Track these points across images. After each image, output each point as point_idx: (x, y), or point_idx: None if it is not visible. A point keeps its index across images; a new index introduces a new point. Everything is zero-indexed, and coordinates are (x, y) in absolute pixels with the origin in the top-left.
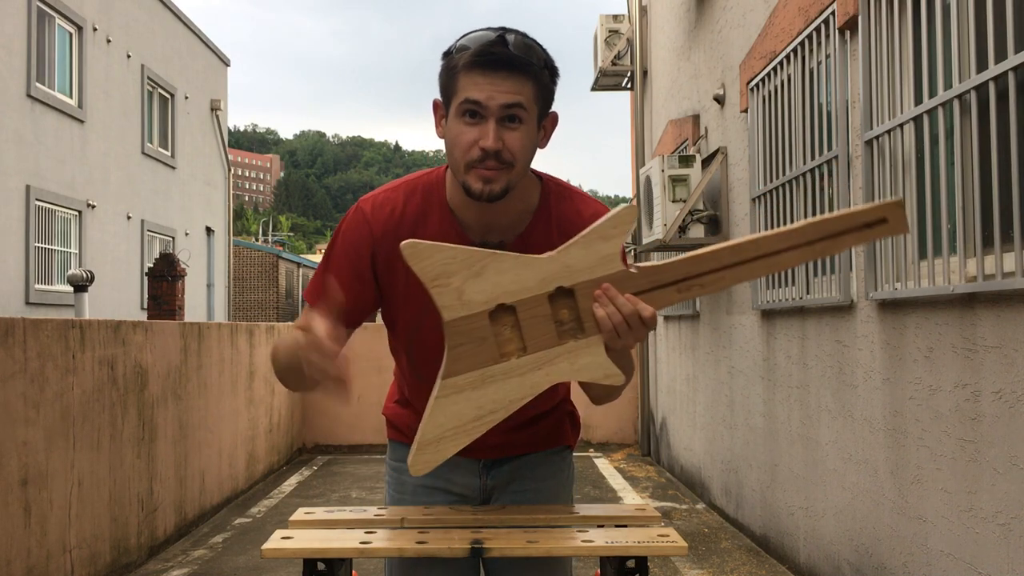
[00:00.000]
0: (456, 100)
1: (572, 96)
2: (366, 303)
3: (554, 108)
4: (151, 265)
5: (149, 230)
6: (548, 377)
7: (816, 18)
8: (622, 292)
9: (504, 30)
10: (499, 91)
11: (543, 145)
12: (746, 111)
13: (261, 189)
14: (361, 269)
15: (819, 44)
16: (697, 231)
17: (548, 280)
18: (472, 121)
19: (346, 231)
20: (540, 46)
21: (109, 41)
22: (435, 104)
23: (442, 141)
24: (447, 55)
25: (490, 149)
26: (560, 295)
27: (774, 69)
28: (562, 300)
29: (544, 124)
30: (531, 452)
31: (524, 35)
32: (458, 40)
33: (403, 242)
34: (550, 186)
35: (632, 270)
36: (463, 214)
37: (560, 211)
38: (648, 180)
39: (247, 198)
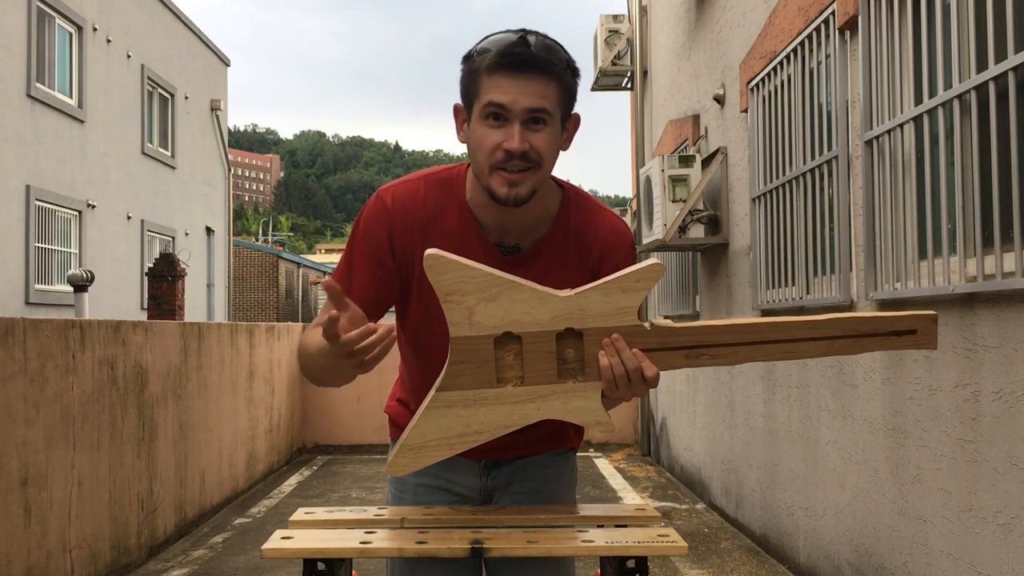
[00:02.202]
0: (479, 103)
1: None
2: (392, 290)
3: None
4: (151, 265)
5: (149, 230)
6: (539, 412)
7: (816, 18)
8: (631, 346)
9: (525, 31)
10: (524, 94)
11: (566, 147)
12: (746, 111)
13: (261, 189)
14: (383, 257)
15: (819, 44)
16: (697, 231)
17: (560, 319)
18: (496, 124)
19: (366, 220)
20: (561, 47)
21: (109, 41)
22: (456, 109)
23: (443, 142)
24: (467, 59)
25: (516, 151)
26: (569, 335)
27: (774, 69)
28: (570, 340)
29: (567, 126)
30: (533, 454)
31: (545, 36)
32: (479, 43)
33: (426, 251)
34: (570, 195)
35: (646, 326)
36: (481, 214)
37: (578, 222)
38: (648, 180)
39: (247, 198)
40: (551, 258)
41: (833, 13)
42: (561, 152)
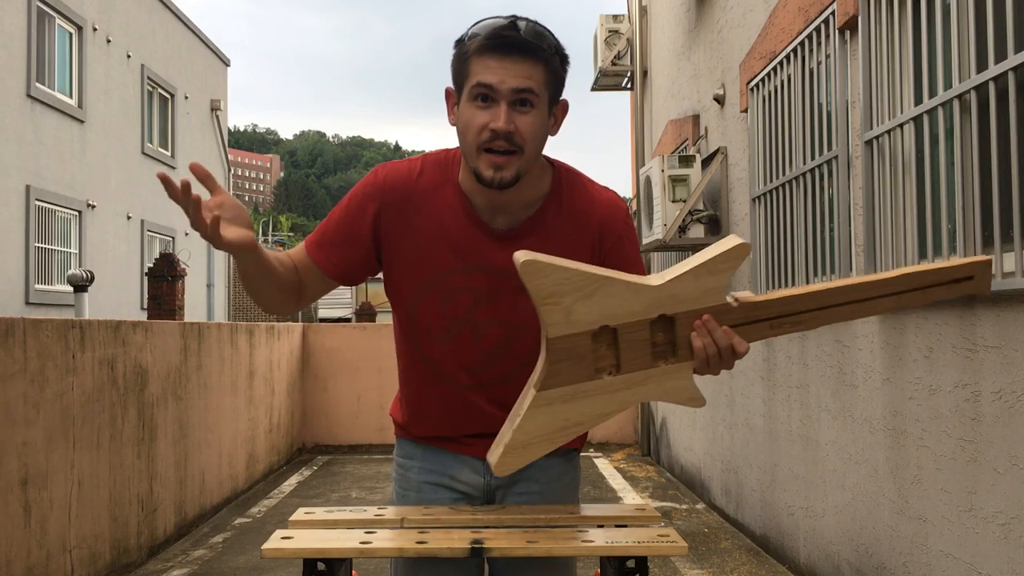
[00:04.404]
0: (468, 84)
1: (572, 96)
2: (357, 258)
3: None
4: (151, 265)
5: (149, 230)
6: (635, 396)
7: (816, 18)
8: (720, 324)
9: (515, 17)
10: (511, 75)
11: (554, 132)
12: (746, 111)
13: (261, 189)
14: (355, 233)
15: (819, 44)
16: (697, 231)
17: (653, 307)
18: (484, 105)
19: (356, 192)
20: (550, 32)
21: (109, 41)
22: (447, 92)
23: (443, 142)
24: (459, 43)
25: (501, 130)
26: (659, 319)
27: (774, 69)
28: (660, 323)
29: (555, 111)
30: None
31: (535, 22)
32: (470, 28)
33: (522, 259)
34: (562, 172)
35: (732, 303)
36: (473, 195)
37: (572, 198)
38: (648, 180)
39: (247, 198)
40: (543, 235)
41: (833, 13)
42: (550, 137)
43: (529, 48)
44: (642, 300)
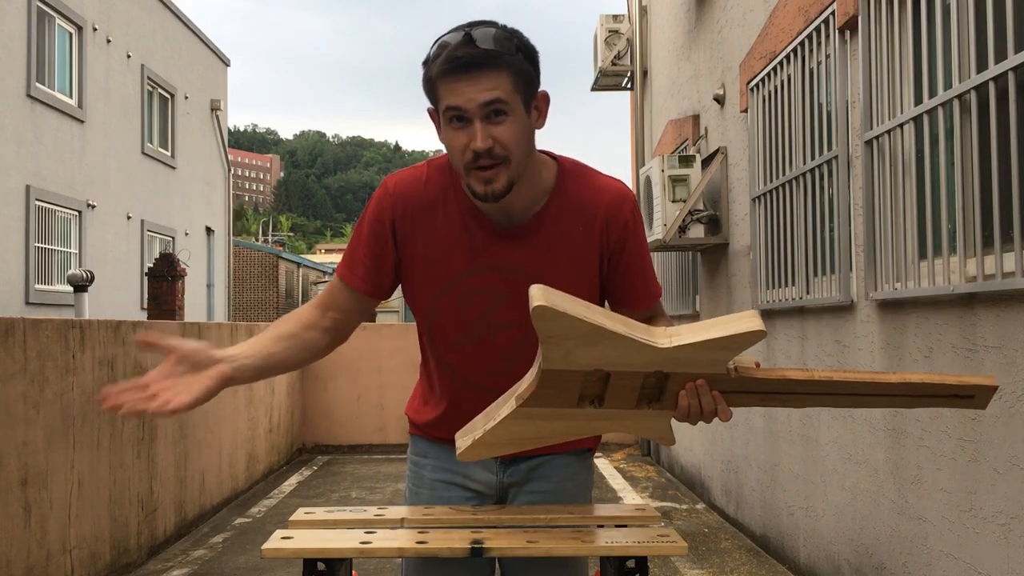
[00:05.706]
0: (440, 108)
1: (572, 96)
2: (384, 278)
3: (553, 102)
4: (151, 265)
5: (149, 230)
6: (611, 427)
7: (816, 18)
8: (712, 388)
9: (471, 26)
10: (476, 91)
11: (540, 125)
12: (746, 111)
13: (261, 189)
14: (385, 241)
15: (819, 44)
16: (697, 231)
17: (653, 363)
18: (460, 126)
19: (371, 207)
20: (510, 32)
21: (109, 41)
22: (430, 112)
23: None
24: (424, 64)
25: (480, 150)
26: (655, 372)
27: (774, 69)
28: (654, 375)
29: (536, 105)
30: (550, 453)
31: (492, 24)
32: (431, 47)
33: (536, 303)
34: (566, 166)
35: (731, 371)
36: (477, 200)
37: (578, 191)
38: (648, 180)
39: (247, 198)
40: (551, 229)
41: (833, 13)
42: (538, 131)
43: (488, 59)
44: (644, 357)
